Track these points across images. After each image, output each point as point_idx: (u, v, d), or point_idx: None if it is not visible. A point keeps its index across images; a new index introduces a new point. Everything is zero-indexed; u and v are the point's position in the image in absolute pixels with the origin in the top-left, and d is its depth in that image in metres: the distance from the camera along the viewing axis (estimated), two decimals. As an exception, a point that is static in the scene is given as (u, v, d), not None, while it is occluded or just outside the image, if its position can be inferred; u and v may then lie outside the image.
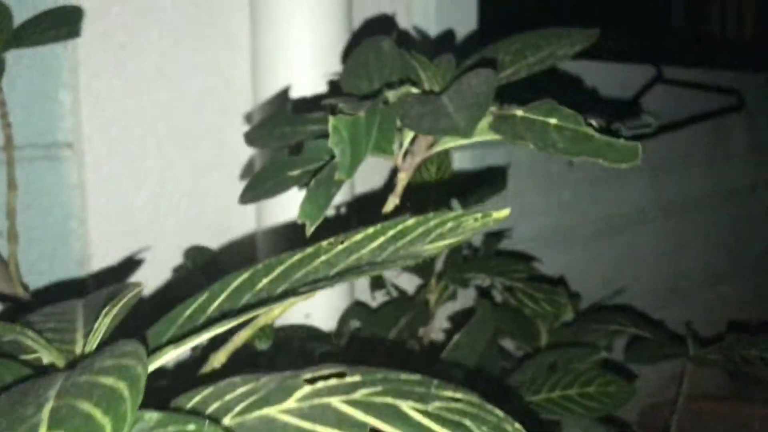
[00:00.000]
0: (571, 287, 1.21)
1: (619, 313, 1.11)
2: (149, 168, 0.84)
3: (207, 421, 0.26)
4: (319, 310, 0.87)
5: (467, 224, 0.33)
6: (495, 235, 1.08)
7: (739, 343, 1.03)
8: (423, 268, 0.97)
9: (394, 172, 0.50)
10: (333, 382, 0.34)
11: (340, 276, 0.31)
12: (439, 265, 0.99)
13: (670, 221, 1.74)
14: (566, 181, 1.46)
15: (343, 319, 0.88)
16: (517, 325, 1.03)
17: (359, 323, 0.89)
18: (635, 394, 0.84)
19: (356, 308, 0.90)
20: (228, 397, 0.32)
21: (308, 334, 0.85)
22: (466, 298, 1.18)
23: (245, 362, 0.73)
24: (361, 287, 0.99)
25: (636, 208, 1.65)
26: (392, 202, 0.47)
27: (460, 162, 1.13)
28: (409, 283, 1.09)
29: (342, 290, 0.90)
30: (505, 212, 0.34)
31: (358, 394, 0.32)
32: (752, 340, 1.03)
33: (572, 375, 0.83)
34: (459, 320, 1.07)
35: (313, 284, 0.31)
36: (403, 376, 0.36)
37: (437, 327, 1.08)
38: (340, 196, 0.82)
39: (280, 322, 0.84)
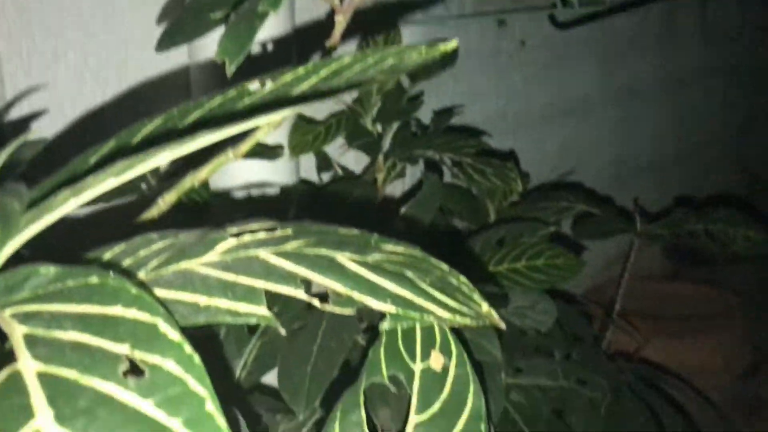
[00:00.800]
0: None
1: (568, 190, 1.10)
2: (70, 39, 0.77)
3: (111, 272, 0.23)
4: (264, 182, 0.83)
5: (410, 58, 0.29)
6: (444, 112, 1.04)
7: (686, 217, 1.03)
8: (370, 146, 0.93)
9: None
10: (262, 235, 0.31)
11: (268, 108, 0.27)
12: (386, 143, 0.95)
13: (619, 106, 1.73)
14: (516, 65, 1.43)
15: (288, 199, 0.85)
16: (465, 205, 1.01)
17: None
18: (584, 266, 0.84)
19: (301, 187, 0.87)
20: (143, 252, 0.28)
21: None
22: (414, 178, 1.16)
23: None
24: (307, 167, 0.95)
25: (585, 93, 1.63)
26: (332, 43, 0.42)
27: (411, 39, 1.08)
28: (356, 163, 1.06)
29: (287, 169, 0.86)
30: (452, 44, 0.30)
31: (290, 246, 0.29)
32: (698, 214, 1.03)
33: (520, 248, 0.82)
34: (406, 198, 1.05)
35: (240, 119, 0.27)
36: (341, 230, 0.33)
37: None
38: (277, 29, 0.75)
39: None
